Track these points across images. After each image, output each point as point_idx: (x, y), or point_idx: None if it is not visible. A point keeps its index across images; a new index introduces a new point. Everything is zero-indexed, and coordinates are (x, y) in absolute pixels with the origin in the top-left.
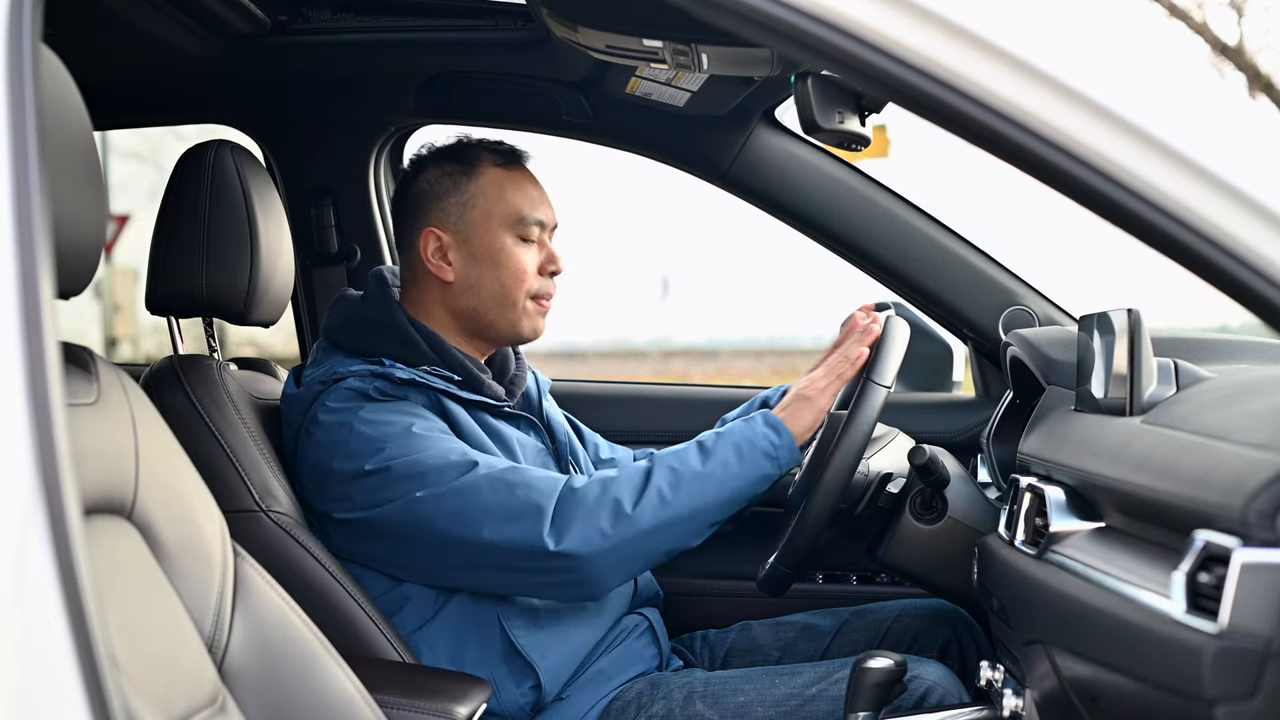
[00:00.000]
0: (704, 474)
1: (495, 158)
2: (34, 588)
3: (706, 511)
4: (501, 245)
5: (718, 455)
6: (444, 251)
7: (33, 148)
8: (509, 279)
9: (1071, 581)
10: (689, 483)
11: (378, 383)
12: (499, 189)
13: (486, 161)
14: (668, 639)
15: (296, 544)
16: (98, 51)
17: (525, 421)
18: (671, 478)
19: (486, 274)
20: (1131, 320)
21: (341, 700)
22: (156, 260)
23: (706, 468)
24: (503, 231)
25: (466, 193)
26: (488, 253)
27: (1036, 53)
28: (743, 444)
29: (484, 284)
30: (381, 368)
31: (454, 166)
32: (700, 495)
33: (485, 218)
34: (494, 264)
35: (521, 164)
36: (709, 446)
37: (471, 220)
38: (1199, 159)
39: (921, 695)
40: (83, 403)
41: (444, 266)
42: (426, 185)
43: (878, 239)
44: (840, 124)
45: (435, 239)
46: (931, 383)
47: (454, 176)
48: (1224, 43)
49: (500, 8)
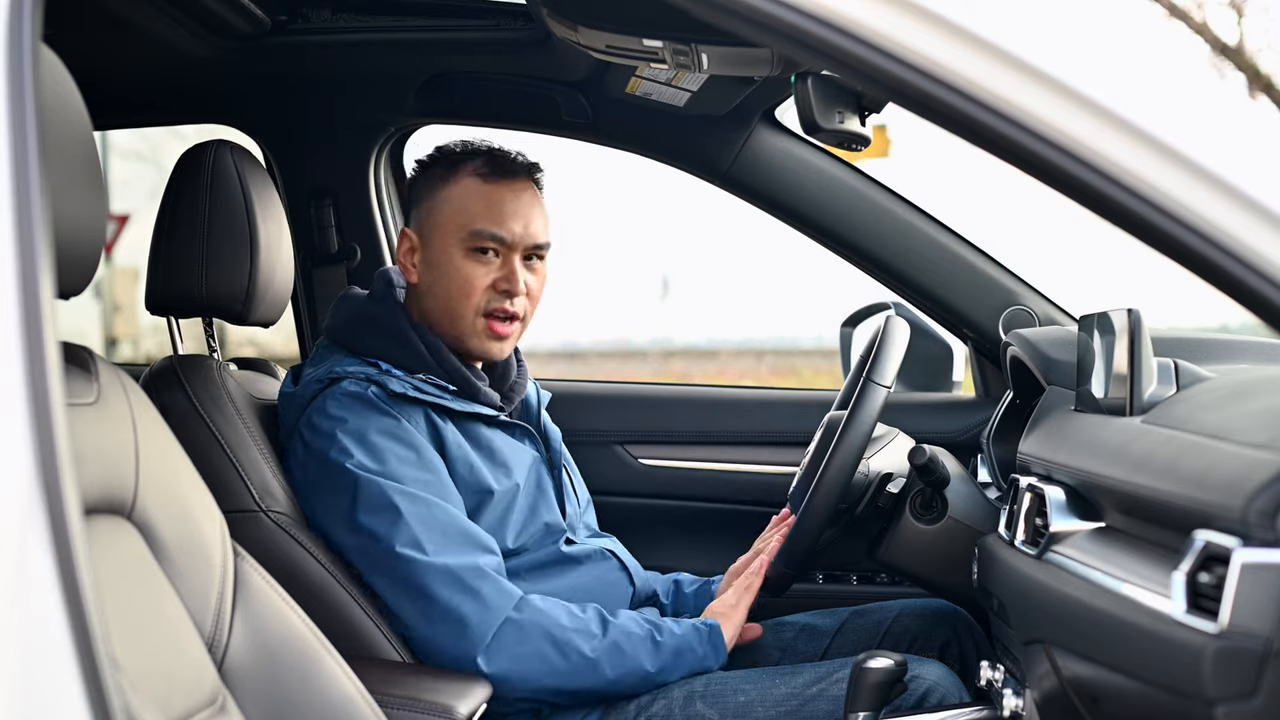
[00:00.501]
0: (647, 674)
1: (478, 166)
2: (34, 588)
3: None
4: (450, 256)
5: (662, 656)
6: (412, 254)
7: (33, 148)
8: (455, 290)
9: (1071, 581)
10: (626, 672)
11: (374, 388)
12: (464, 200)
13: (468, 170)
14: None
15: (296, 544)
16: (98, 51)
17: (521, 430)
18: (616, 656)
19: (438, 282)
20: (1131, 320)
21: (341, 700)
22: (156, 260)
23: (652, 666)
24: (453, 242)
25: (437, 198)
26: (438, 261)
27: (1036, 53)
28: (686, 653)
29: (435, 291)
30: (377, 372)
31: (439, 170)
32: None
33: (444, 225)
34: (442, 273)
35: (505, 177)
36: (661, 645)
37: (433, 225)
38: (1199, 159)
39: (921, 695)
40: (83, 403)
41: (409, 268)
42: (416, 185)
43: (878, 239)
44: (840, 124)
45: (407, 240)
46: (931, 383)
47: (433, 181)
48: (1224, 43)
49: (500, 8)
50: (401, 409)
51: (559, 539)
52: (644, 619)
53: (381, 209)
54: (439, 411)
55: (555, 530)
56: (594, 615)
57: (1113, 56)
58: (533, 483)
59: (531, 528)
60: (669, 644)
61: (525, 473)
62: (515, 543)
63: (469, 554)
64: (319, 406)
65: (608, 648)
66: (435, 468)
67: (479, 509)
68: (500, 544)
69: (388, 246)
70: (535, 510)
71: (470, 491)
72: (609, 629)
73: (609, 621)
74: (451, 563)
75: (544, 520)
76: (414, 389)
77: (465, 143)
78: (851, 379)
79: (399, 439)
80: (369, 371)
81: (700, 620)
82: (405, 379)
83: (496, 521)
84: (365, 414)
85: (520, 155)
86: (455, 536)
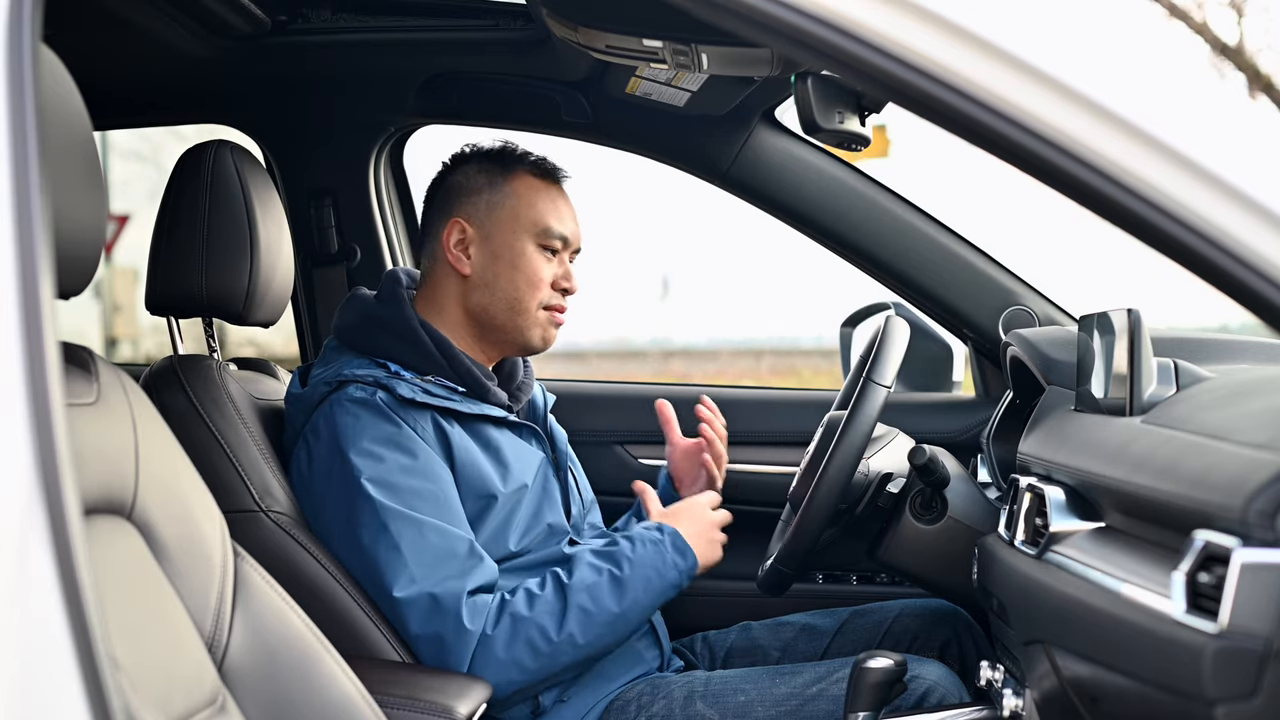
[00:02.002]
0: (618, 615)
1: (533, 168)
2: (34, 588)
3: (617, 639)
4: (523, 249)
5: (630, 592)
6: (465, 244)
7: (33, 148)
8: (524, 283)
9: (1071, 581)
10: (602, 626)
11: (381, 394)
12: (531, 195)
13: (524, 169)
14: (668, 639)
15: (296, 544)
16: (98, 51)
17: (528, 430)
18: (584, 619)
19: (503, 274)
20: (1131, 320)
21: (341, 700)
22: (156, 260)
23: (621, 607)
24: (526, 236)
25: (500, 192)
26: (508, 254)
27: (1036, 53)
28: (654, 576)
29: (499, 284)
30: (386, 374)
31: (492, 166)
32: (613, 632)
33: (512, 218)
34: (512, 266)
35: (558, 180)
36: (624, 580)
37: (498, 218)
38: (1199, 159)
39: (921, 695)
40: (83, 403)
41: (462, 259)
42: (462, 178)
43: (878, 239)
44: (840, 124)
45: (460, 230)
46: (931, 383)
47: (490, 175)
48: (1224, 43)
49: (500, 8)
50: (408, 414)
51: (562, 540)
52: (602, 556)
53: (381, 209)
54: (447, 415)
55: (559, 531)
56: (551, 588)
57: (1113, 56)
58: (539, 484)
59: (535, 529)
60: (633, 576)
61: (533, 474)
62: (518, 545)
63: (455, 578)
64: (325, 412)
65: (576, 616)
66: (438, 476)
67: (483, 513)
68: (503, 547)
69: (388, 246)
70: (540, 512)
71: (475, 496)
72: (569, 595)
73: (566, 586)
74: (436, 590)
75: (548, 522)
76: (422, 392)
77: (505, 143)
78: (851, 379)
79: (403, 448)
80: (377, 374)
81: (650, 527)
82: (413, 382)
83: (500, 525)
84: (371, 421)
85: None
86: (444, 559)
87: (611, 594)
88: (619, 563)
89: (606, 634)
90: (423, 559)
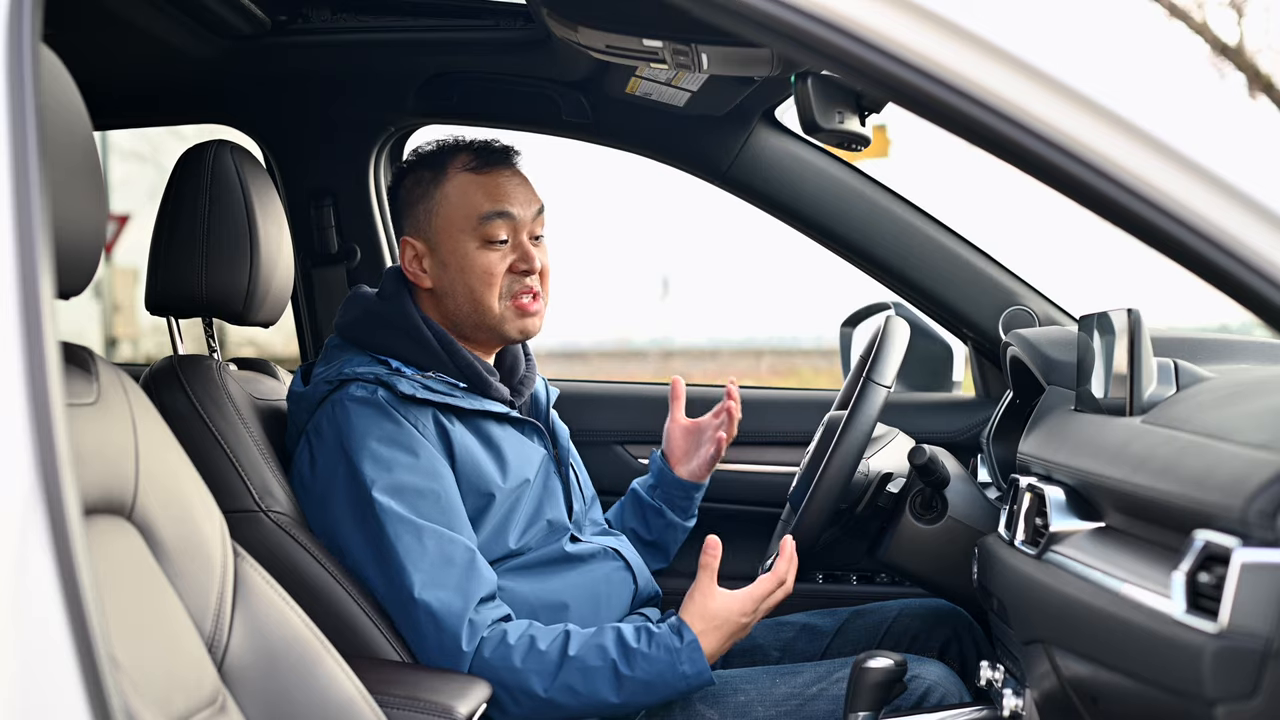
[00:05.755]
0: (607, 704)
1: (467, 160)
2: (34, 588)
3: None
4: (465, 250)
5: (625, 689)
6: (419, 259)
7: (33, 148)
8: (477, 283)
9: (1071, 581)
10: (587, 705)
11: (382, 391)
12: (461, 193)
13: (456, 165)
14: None
15: (296, 544)
16: (98, 51)
17: (529, 426)
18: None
19: (457, 280)
20: (1131, 320)
21: (341, 700)
22: (156, 260)
23: (617, 698)
24: (465, 236)
25: (433, 199)
26: (454, 259)
27: (1036, 53)
28: (655, 682)
29: (456, 291)
30: (388, 371)
31: (426, 173)
32: (597, 712)
33: (448, 223)
34: (461, 270)
35: (496, 165)
36: (624, 677)
37: (437, 226)
38: (1198, 158)
39: (921, 695)
40: (83, 403)
41: (421, 275)
42: (404, 193)
43: (878, 239)
44: (840, 124)
45: (411, 248)
46: (931, 383)
47: (424, 184)
48: (1224, 43)
49: (500, 8)
50: (409, 411)
51: (563, 537)
52: (615, 644)
53: (381, 209)
54: (448, 411)
55: (559, 528)
56: (555, 650)
57: (1113, 56)
58: (540, 481)
59: (536, 526)
60: (637, 676)
61: (534, 471)
62: (519, 542)
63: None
64: (328, 412)
65: (562, 689)
66: (439, 474)
67: (484, 510)
68: (503, 545)
69: (388, 246)
70: (540, 509)
71: (474, 494)
72: (565, 667)
73: (567, 658)
74: (434, 604)
75: (548, 518)
76: (423, 389)
77: (441, 141)
78: (851, 379)
79: (405, 447)
80: (378, 371)
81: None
82: (415, 378)
83: (500, 522)
84: (372, 421)
85: (497, 141)
86: (443, 567)
87: (608, 684)
88: (631, 658)
89: (590, 712)
90: (421, 565)
